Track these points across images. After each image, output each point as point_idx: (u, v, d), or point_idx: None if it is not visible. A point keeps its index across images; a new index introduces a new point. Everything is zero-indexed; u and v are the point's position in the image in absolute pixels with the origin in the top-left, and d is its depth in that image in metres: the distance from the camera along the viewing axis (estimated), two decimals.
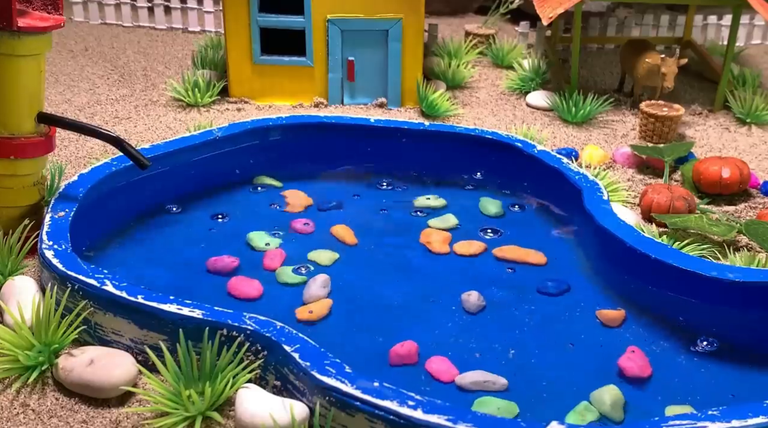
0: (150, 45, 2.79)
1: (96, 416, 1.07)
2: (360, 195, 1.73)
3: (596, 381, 1.17)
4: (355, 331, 1.29)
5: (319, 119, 1.84)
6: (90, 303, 1.17)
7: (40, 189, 1.45)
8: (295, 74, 2.19)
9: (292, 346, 1.06)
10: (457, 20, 3.26)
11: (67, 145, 1.89)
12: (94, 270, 1.20)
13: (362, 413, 0.96)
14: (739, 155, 1.98)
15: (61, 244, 1.27)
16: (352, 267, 1.46)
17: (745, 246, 1.56)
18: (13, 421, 1.05)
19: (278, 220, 1.61)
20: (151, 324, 1.14)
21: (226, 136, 1.72)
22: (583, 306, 1.37)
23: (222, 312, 1.13)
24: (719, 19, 2.87)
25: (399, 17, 2.12)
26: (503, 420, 0.99)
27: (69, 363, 1.11)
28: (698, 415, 0.95)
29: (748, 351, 1.26)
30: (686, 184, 1.79)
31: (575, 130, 2.08)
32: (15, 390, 1.11)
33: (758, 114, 2.15)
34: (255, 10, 2.12)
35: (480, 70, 2.55)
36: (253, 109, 2.16)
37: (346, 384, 0.98)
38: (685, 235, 1.54)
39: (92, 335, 1.19)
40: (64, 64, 2.55)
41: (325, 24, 2.13)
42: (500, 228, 1.61)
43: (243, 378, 1.08)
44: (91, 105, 2.20)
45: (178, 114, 2.12)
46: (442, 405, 0.95)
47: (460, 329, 1.30)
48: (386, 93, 2.20)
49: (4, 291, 1.26)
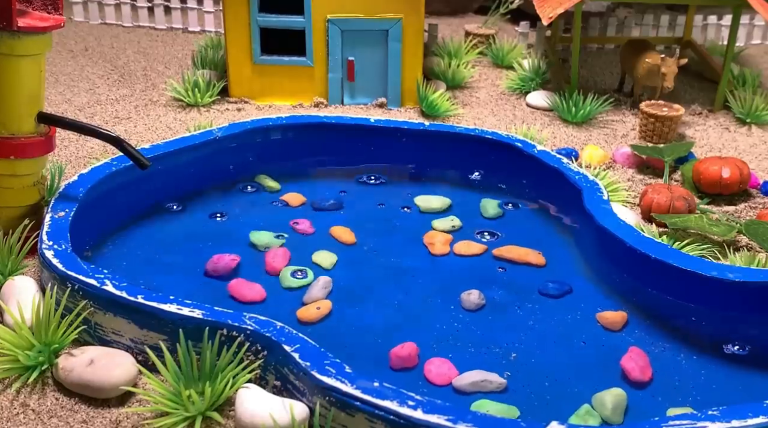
0: (150, 45, 2.79)
1: (96, 416, 1.07)
2: (360, 195, 1.73)
3: (598, 384, 1.17)
4: (354, 332, 1.29)
5: (319, 119, 1.84)
6: (90, 303, 1.17)
7: (40, 189, 1.45)
8: (295, 74, 2.19)
9: (292, 346, 1.06)
10: (457, 20, 3.26)
11: (67, 145, 1.89)
12: (94, 270, 1.20)
13: (362, 413, 0.96)
14: (739, 155, 1.98)
15: (61, 244, 1.27)
16: (353, 267, 1.46)
17: (745, 246, 1.56)
18: (13, 421, 1.05)
19: (278, 220, 1.61)
20: (151, 324, 1.14)
21: (226, 135, 1.72)
22: (583, 308, 1.36)
23: (222, 312, 1.13)
24: (719, 19, 2.87)
25: (399, 17, 2.12)
26: (503, 420, 0.99)
27: (69, 363, 1.11)
28: (698, 415, 0.95)
29: (749, 352, 1.26)
30: (686, 184, 1.79)
31: (575, 130, 2.08)
32: (15, 390, 1.11)
33: (758, 114, 2.15)
34: (255, 9, 2.12)
35: (480, 70, 2.55)
36: (253, 109, 2.16)
37: (346, 384, 0.98)
38: (685, 235, 1.54)
39: (92, 335, 1.19)
40: (64, 64, 2.55)
41: (325, 24, 2.13)
42: (500, 228, 1.61)
43: (243, 378, 1.08)
44: (91, 105, 2.20)
45: (178, 114, 2.12)
46: (441, 405, 0.95)
47: (461, 330, 1.30)
48: (386, 93, 2.20)
49: (4, 291, 1.26)
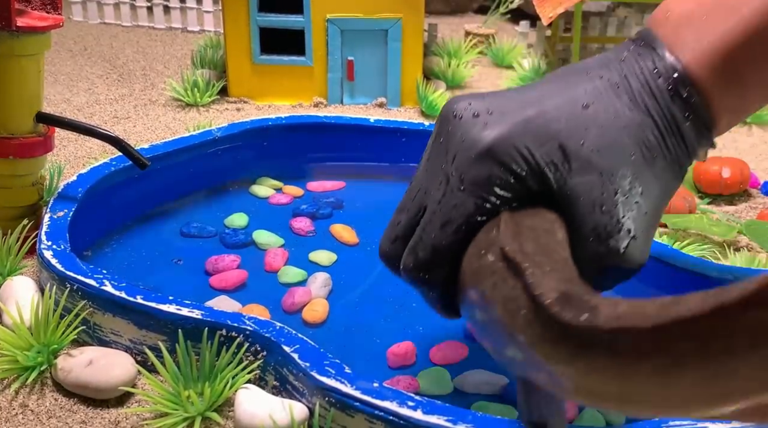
0: (149, 45, 2.78)
1: (95, 416, 1.07)
2: (360, 194, 1.73)
3: None
4: (354, 332, 1.29)
5: (319, 119, 1.84)
6: (89, 303, 1.16)
7: (39, 189, 1.45)
8: (295, 74, 2.19)
9: (291, 347, 1.06)
10: (457, 20, 3.25)
11: (66, 145, 1.89)
12: (93, 270, 1.20)
13: (362, 413, 0.96)
14: (739, 155, 1.98)
15: (59, 244, 1.26)
16: (352, 267, 1.46)
17: (746, 247, 1.56)
18: (11, 422, 1.05)
19: (278, 220, 1.61)
20: (150, 325, 1.14)
21: (225, 135, 1.72)
22: None
23: (221, 313, 1.13)
24: None
25: (399, 17, 2.11)
26: (503, 421, 0.98)
27: (68, 363, 1.11)
28: None
29: None
30: (686, 184, 1.79)
31: None
32: (14, 390, 1.10)
33: (759, 114, 2.15)
34: (254, 9, 2.12)
35: (480, 69, 2.55)
36: (253, 109, 2.16)
37: (345, 384, 0.98)
38: (685, 235, 1.54)
39: (91, 335, 1.18)
40: (62, 64, 2.54)
41: (325, 24, 2.13)
42: None
43: (242, 378, 1.08)
44: (90, 105, 2.20)
45: (177, 114, 2.12)
46: (441, 406, 0.95)
47: (460, 330, 1.30)
48: (386, 93, 2.20)
49: (3, 292, 1.26)
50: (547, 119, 0.79)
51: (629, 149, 0.79)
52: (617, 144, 0.79)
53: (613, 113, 0.80)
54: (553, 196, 0.80)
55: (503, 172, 0.78)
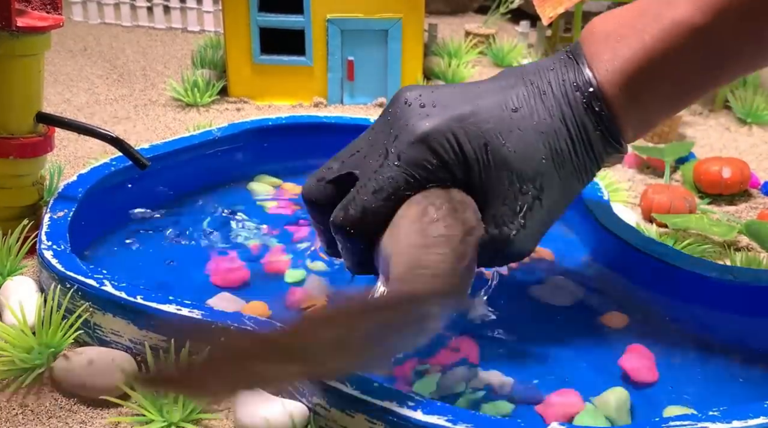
0: (149, 45, 2.78)
1: (95, 416, 1.07)
2: None
3: (600, 385, 1.17)
4: None
5: (319, 119, 1.84)
6: (89, 303, 1.17)
7: (39, 189, 1.45)
8: (295, 74, 2.19)
9: None
10: (457, 20, 3.25)
11: (66, 145, 1.89)
12: (93, 270, 1.20)
13: (362, 414, 0.96)
14: (739, 155, 1.97)
15: (60, 244, 1.26)
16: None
17: (746, 247, 1.56)
18: (11, 422, 1.05)
19: (278, 219, 1.61)
20: (151, 325, 1.13)
21: (225, 135, 1.72)
22: (584, 308, 1.36)
23: (221, 313, 1.13)
24: None
25: (399, 17, 2.11)
26: (503, 421, 0.98)
27: (68, 363, 1.11)
28: (699, 416, 0.95)
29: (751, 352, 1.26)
30: (687, 184, 1.79)
31: None
32: (14, 390, 1.10)
33: (759, 114, 2.15)
34: (254, 9, 2.12)
35: (480, 69, 2.55)
36: (253, 109, 2.16)
37: (345, 384, 0.98)
38: (685, 236, 1.54)
39: (91, 335, 1.19)
40: (62, 64, 2.54)
41: (325, 24, 2.13)
42: None
43: None
44: (90, 105, 2.20)
45: (177, 114, 2.12)
46: (441, 406, 0.95)
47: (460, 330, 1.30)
48: (386, 93, 2.20)
49: (3, 292, 1.26)
50: (479, 119, 0.92)
51: (542, 153, 0.93)
52: (532, 148, 0.93)
53: (536, 119, 0.93)
54: (474, 186, 0.95)
55: (433, 157, 0.92)
